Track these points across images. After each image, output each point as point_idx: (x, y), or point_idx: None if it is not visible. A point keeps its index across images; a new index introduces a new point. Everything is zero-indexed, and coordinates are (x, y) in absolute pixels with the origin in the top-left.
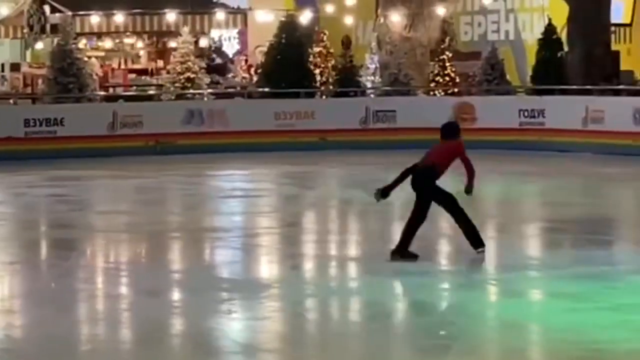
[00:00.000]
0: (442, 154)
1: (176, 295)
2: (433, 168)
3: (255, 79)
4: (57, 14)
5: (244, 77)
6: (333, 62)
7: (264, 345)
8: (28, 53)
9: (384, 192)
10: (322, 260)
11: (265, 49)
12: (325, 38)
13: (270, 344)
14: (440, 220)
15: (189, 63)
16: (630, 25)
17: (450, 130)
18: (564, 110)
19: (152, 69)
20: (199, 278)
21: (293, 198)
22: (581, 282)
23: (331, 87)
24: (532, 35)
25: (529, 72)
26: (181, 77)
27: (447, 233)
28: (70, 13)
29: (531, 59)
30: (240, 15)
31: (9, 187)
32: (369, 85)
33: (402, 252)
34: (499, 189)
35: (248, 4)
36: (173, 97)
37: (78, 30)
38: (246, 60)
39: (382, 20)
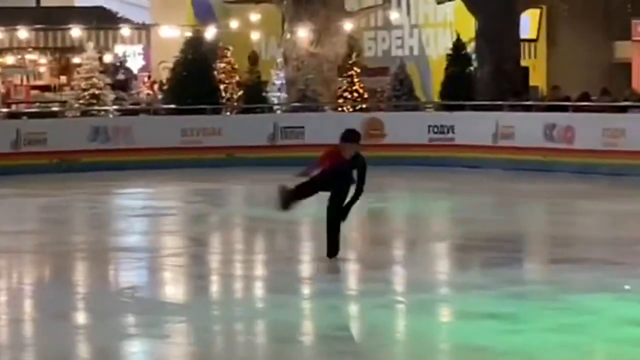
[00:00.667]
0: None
1: (82, 318)
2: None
3: (159, 95)
4: None
5: (148, 93)
6: (238, 78)
7: None
8: None
9: None
10: (232, 280)
11: (169, 64)
12: (229, 54)
13: None
14: (357, 240)
15: (94, 79)
16: (536, 40)
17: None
18: (474, 126)
19: (55, 85)
20: (105, 300)
21: (200, 216)
22: (514, 302)
23: (236, 103)
24: (436, 50)
25: (434, 88)
26: (86, 93)
27: (364, 253)
28: None
29: (436, 75)
30: (144, 31)
31: None
32: (275, 101)
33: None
34: (409, 206)
35: (151, 20)
36: (78, 114)
37: None
38: (149, 77)
39: (288, 36)
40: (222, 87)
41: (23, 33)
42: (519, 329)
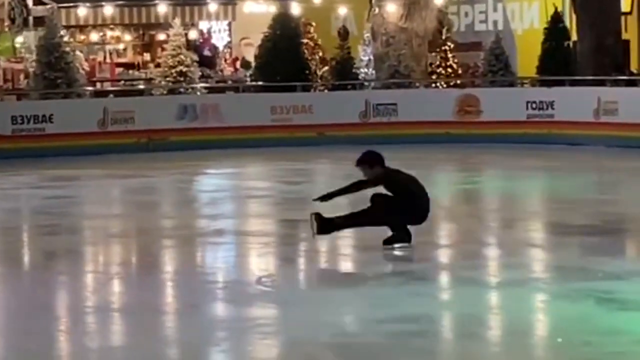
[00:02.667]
0: None
1: (169, 308)
2: None
3: (244, 73)
4: (40, 7)
5: (233, 71)
6: (321, 54)
7: None
8: None
9: (322, 198)
10: (341, 261)
11: (251, 41)
12: (312, 29)
13: None
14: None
15: (181, 56)
16: (630, 13)
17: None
18: (574, 102)
19: (138, 63)
20: (195, 289)
21: (295, 198)
22: None
23: (321, 79)
24: (522, 24)
25: (519, 63)
26: (173, 70)
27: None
28: (55, 5)
29: (522, 50)
30: (230, 6)
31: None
32: (363, 77)
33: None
34: (511, 185)
35: None
36: (165, 92)
37: (63, 22)
38: (231, 53)
39: (377, 10)
40: None
41: (108, 9)
42: None
